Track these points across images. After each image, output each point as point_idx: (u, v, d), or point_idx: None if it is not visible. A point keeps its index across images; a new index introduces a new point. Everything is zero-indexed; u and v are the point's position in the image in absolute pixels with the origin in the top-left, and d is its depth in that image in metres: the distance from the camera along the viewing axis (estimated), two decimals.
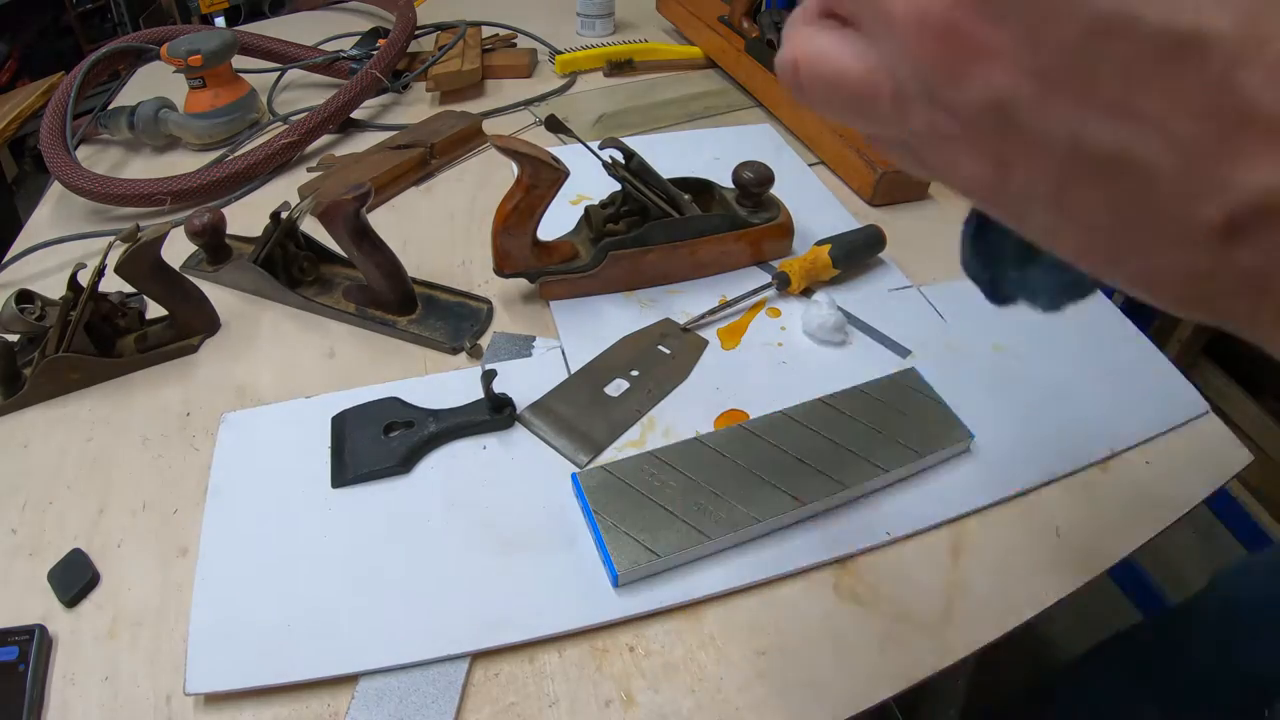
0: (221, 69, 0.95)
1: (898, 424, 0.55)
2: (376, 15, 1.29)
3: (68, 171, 0.83)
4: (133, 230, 0.61)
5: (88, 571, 0.50)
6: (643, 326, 0.66)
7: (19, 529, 0.53)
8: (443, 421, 0.57)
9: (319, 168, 0.90)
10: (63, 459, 0.58)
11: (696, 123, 0.99)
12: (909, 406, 0.57)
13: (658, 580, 0.48)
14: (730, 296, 0.69)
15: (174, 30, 1.05)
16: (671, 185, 0.68)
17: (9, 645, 0.45)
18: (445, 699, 0.43)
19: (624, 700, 0.44)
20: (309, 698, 0.44)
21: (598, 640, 0.46)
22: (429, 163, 0.89)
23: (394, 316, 0.67)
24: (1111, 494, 0.54)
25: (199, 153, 0.95)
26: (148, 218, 0.83)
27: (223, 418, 0.59)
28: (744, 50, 1.02)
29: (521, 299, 0.70)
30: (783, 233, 0.73)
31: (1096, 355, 0.64)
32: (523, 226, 0.64)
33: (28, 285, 0.64)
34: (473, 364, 0.64)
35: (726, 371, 0.63)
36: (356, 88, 0.94)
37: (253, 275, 0.70)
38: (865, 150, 0.81)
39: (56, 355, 0.61)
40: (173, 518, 0.54)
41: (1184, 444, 0.58)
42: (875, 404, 0.57)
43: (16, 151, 2.23)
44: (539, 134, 0.93)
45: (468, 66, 1.03)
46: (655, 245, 0.68)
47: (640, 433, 0.58)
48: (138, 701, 0.44)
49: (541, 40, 1.16)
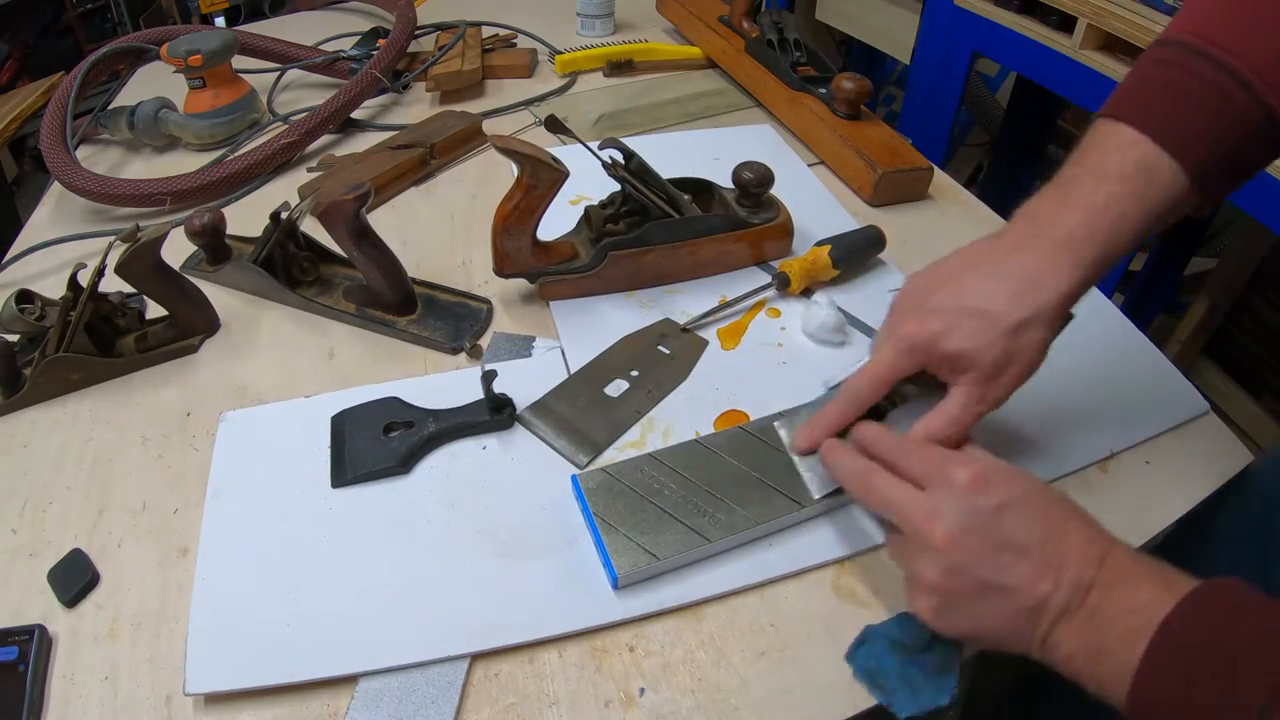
0: (221, 69, 0.95)
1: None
2: (376, 15, 1.29)
3: (68, 171, 0.83)
4: (133, 230, 0.61)
5: (88, 571, 0.50)
6: (642, 326, 0.66)
7: (19, 529, 0.53)
8: (443, 422, 0.57)
9: (319, 168, 0.90)
10: (63, 459, 0.58)
11: (696, 123, 0.99)
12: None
13: (658, 581, 0.48)
14: (730, 297, 0.69)
15: (174, 30, 1.05)
16: (671, 185, 0.68)
17: (9, 645, 0.45)
18: (445, 699, 0.43)
19: (624, 700, 0.44)
20: (309, 698, 0.44)
21: (597, 640, 0.46)
22: (429, 163, 0.89)
23: (394, 317, 0.67)
24: (1111, 494, 0.54)
25: (199, 153, 0.95)
26: (148, 218, 0.83)
27: (222, 416, 0.59)
28: (744, 50, 1.02)
29: (521, 299, 0.70)
30: (782, 233, 0.73)
31: (1096, 355, 0.63)
32: (523, 227, 0.64)
33: (28, 285, 0.64)
34: (473, 364, 0.64)
35: (726, 372, 0.63)
36: (356, 88, 0.94)
37: (253, 275, 0.70)
38: (865, 150, 0.81)
39: (56, 355, 0.61)
40: (173, 517, 0.54)
41: (1184, 444, 0.58)
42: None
43: (16, 151, 2.23)
44: (539, 134, 0.93)
45: (468, 66, 1.03)
46: (655, 245, 0.68)
47: (640, 433, 0.58)
48: (137, 702, 0.44)
49: (541, 40, 1.16)
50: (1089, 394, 0.60)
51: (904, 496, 0.42)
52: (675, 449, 0.54)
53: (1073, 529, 0.39)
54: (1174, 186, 0.43)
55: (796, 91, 0.92)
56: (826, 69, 0.94)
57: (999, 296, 0.44)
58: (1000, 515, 0.39)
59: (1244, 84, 0.42)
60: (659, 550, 0.48)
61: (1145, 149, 0.43)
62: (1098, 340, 0.65)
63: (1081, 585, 0.37)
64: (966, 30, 1.19)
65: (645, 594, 0.48)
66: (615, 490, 0.51)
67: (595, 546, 0.49)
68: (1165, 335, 1.43)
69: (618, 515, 0.50)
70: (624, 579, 0.47)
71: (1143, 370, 0.63)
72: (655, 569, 0.48)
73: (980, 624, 0.40)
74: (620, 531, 0.49)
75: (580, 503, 0.51)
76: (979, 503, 0.39)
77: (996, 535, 0.39)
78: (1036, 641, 0.38)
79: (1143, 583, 0.37)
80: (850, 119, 0.86)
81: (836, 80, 0.85)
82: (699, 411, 0.59)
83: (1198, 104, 0.43)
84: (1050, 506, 0.40)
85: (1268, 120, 0.42)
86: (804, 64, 0.95)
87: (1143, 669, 0.34)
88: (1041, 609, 0.38)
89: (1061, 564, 0.38)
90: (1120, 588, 0.37)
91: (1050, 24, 1.05)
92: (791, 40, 0.96)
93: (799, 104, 0.91)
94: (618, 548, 0.48)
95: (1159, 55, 0.46)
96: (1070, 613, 0.37)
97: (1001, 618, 0.39)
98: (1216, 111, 0.42)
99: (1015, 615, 0.38)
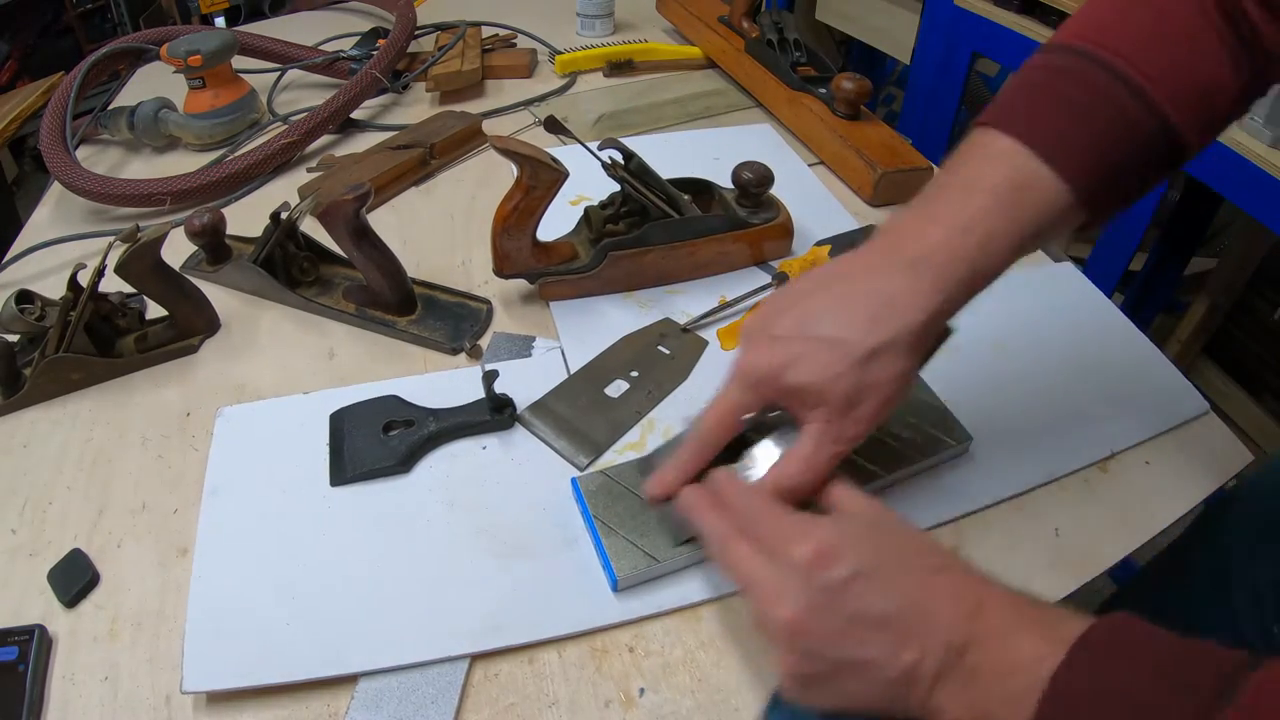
0: (221, 69, 0.95)
1: (896, 427, 0.55)
2: (376, 15, 1.29)
3: (68, 171, 0.83)
4: (133, 230, 0.61)
5: (88, 571, 0.50)
6: (642, 327, 0.66)
7: (19, 529, 0.53)
8: (443, 421, 0.57)
9: (319, 168, 0.90)
10: (63, 459, 0.58)
11: (696, 123, 0.99)
12: (908, 409, 0.56)
13: (657, 583, 0.48)
14: (730, 297, 0.69)
15: (174, 30, 1.05)
16: (671, 185, 0.68)
17: (9, 645, 0.45)
18: (445, 699, 0.43)
19: (624, 701, 0.44)
20: (309, 698, 0.44)
21: (597, 641, 0.46)
22: (429, 163, 0.89)
23: (394, 317, 0.67)
24: (1111, 494, 0.54)
25: (199, 153, 0.95)
26: (148, 218, 0.83)
27: (219, 412, 0.59)
28: (744, 50, 1.02)
29: (521, 299, 0.70)
30: (782, 233, 0.73)
31: (1097, 355, 0.64)
32: (522, 227, 0.64)
33: (28, 285, 0.64)
34: (472, 364, 0.64)
35: (726, 372, 0.63)
36: (356, 88, 0.94)
37: (253, 275, 0.70)
38: (865, 150, 0.81)
39: (56, 355, 0.61)
40: (172, 517, 0.54)
41: (1184, 444, 0.58)
42: None
43: (16, 151, 2.23)
44: (539, 134, 0.93)
45: (468, 67, 1.03)
46: (655, 246, 0.68)
47: (640, 434, 0.58)
48: (137, 701, 0.44)
49: (541, 40, 1.16)
50: (1089, 394, 0.60)
51: (752, 573, 0.38)
52: None
53: (939, 586, 0.36)
54: (1053, 201, 0.40)
55: (796, 91, 0.92)
56: (826, 69, 0.94)
57: (851, 323, 0.40)
58: (848, 589, 0.35)
59: (1137, 92, 0.39)
60: (659, 553, 0.48)
61: (1021, 160, 0.40)
62: (1098, 340, 0.65)
63: (954, 647, 0.33)
64: (966, 30, 1.19)
65: (645, 595, 0.48)
66: (615, 493, 0.51)
67: (595, 549, 0.49)
68: (1165, 335, 1.43)
69: (617, 518, 0.50)
70: (624, 582, 0.47)
71: (1143, 370, 0.63)
72: (655, 571, 0.48)
73: (849, 699, 0.36)
74: (620, 534, 0.49)
75: (580, 505, 0.51)
76: (823, 579, 0.35)
77: (845, 610, 0.35)
78: (916, 709, 0.34)
79: (1024, 636, 0.33)
80: (850, 119, 0.86)
81: (836, 80, 0.85)
82: (699, 412, 0.59)
83: (1086, 112, 0.40)
84: (909, 565, 0.36)
85: (1161, 131, 0.39)
86: (804, 64, 0.95)
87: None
88: (911, 678, 0.34)
89: (927, 628, 0.34)
90: (998, 643, 0.33)
91: (1050, 24, 1.05)
92: (791, 40, 0.96)
93: (799, 104, 0.91)
94: (617, 550, 0.48)
95: (1046, 61, 0.42)
96: (946, 676, 0.33)
97: (869, 693, 0.35)
98: (1106, 121, 0.39)
99: (885, 687, 0.34)
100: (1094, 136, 0.39)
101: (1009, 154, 0.40)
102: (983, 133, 0.42)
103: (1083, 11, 0.44)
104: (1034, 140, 0.40)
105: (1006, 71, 1.78)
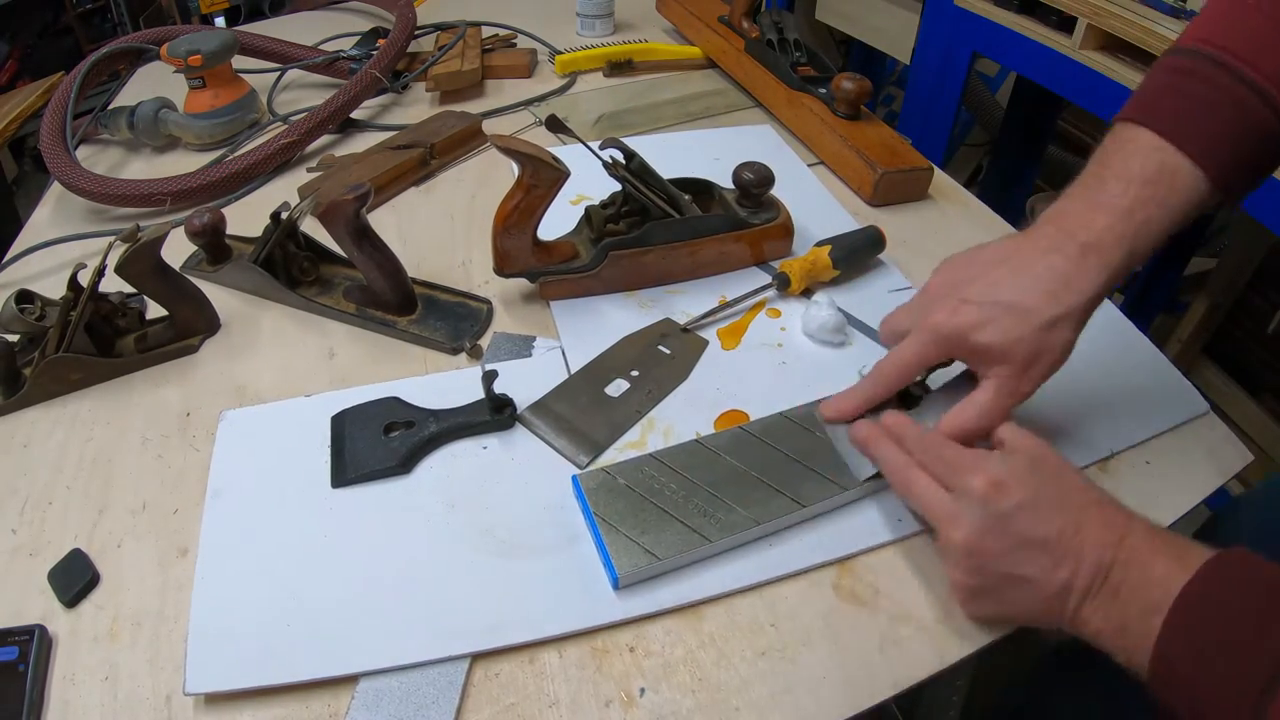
0: (221, 69, 0.95)
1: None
2: (376, 15, 1.29)
3: (68, 171, 0.83)
4: (133, 230, 0.61)
5: (88, 571, 0.50)
6: (643, 326, 0.66)
7: (19, 529, 0.53)
8: (443, 422, 0.57)
9: (319, 168, 0.90)
10: (63, 459, 0.58)
11: (696, 123, 0.99)
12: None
13: (658, 582, 0.48)
14: (730, 297, 0.69)
15: (174, 30, 1.05)
16: (671, 185, 0.68)
17: (9, 645, 0.45)
18: (445, 699, 0.43)
19: (624, 700, 0.44)
20: (309, 698, 0.44)
21: (598, 640, 0.46)
22: (429, 163, 0.89)
23: (394, 317, 0.67)
24: (1112, 494, 0.54)
25: (199, 153, 0.95)
26: (148, 218, 0.83)
27: (222, 415, 0.59)
28: (744, 50, 1.02)
29: (521, 299, 0.70)
30: (783, 233, 0.73)
31: (1096, 355, 0.63)
32: (523, 226, 0.64)
33: (28, 285, 0.64)
34: (473, 364, 0.64)
35: (726, 372, 0.63)
36: (356, 88, 0.94)
37: (253, 275, 0.70)
38: (865, 150, 0.81)
39: (57, 355, 0.60)
40: (173, 518, 0.54)
41: (1184, 444, 0.58)
42: None
43: (16, 151, 2.23)
44: (539, 134, 0.93)
45: (468, 67, 1.03)
46: (655, 245, 0.68)
47: (640, 433, 0.58)
48: (138, 702, 0.44)
49: (541, 40, 1.16)
50: (1089, 394, 0.60)
51: (932, 498, 0.45)
52: (676, 449, 0.54)
53: (1090, 517, 0.42)
54: (1195, 190, 0.45)
55: (796, 91, 0.92)
56: (826, 69, 0.94)
57: (1033, 293, 0.46)
58: (1016, 516, 0.42)
59: (1259, 92, 0.44)
60: (659, 550, 0.48)
61: (1167, 154, 0.45)
62: (1098, 340, 0.65)
63: (1102, 567, 0.40)
64: (966, 30, 1.19)
65: (645, 594, 0.48)
66: (616, 490, 0.51)
67: (596, 546, 0.49)
68: (1165, 335, 1.43)
69: (618, 515, 0.50)
70: (624, 579, 0.47)
71: (1143, 370, 0.63)
72: (656, 569, 0.48)
73: (1010, 609, 0.44)
74: (621, 531, 0.49)
75: (581, 503, 0.51)
76: (994, 508, 0.42)
77: (1013, 535, 0.42)
78: (1066, 620, 0.41)
79: (1159, 558, 0.39)
80: (850, 119, 0.86)
81: (836, 80, 0.85)
82: (699, 411, 0.59)
83: (1215, 112, 0.45)
84: (1066, 498, 0.43)
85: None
86: (804, 64, 0.95)
87: (1160, 642, 0.37)
88: (1065, 592, 0.41)
89: (1080, 551, 0.41)
90: (1138, 565, 0.39)
91: (1050, 24, 1.05)
92: (791, 40, 0.96)
93: (799, 104, 0.91)
94: (618, 548, 0.48)
95: (1175, 63, 0.48)
96: (1094, 592, 0.40)
97: (1029, 603, 0.42)
98: (1234, 119, 0.44)
99: (1041, 600, 0.42)
100: (1225, 133, 0.45)
101: (1156, 149, 0.46)
102: (1127, 127, 0.48)
103: (1203, 13, 0.49)
104: (1175, 137, 0.45)
105: (1006, 71, 1.78)
